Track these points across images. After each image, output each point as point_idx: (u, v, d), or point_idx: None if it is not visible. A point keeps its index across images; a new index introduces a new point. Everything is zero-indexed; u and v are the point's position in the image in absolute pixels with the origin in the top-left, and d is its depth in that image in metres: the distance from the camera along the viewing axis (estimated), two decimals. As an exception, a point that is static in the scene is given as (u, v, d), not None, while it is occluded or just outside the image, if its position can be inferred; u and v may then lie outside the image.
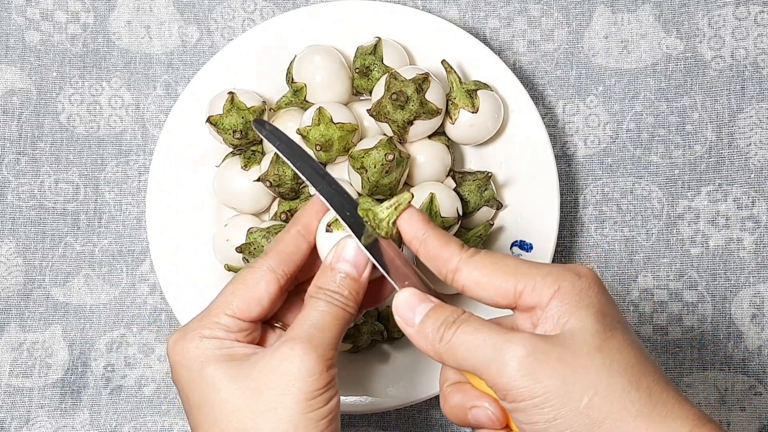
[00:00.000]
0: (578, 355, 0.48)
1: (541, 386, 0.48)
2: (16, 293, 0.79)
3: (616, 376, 0.48)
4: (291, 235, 0.57)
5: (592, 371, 0.48)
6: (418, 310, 0.52)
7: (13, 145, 0.80)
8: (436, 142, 0.74)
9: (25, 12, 0.80)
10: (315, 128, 0.71)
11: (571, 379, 0.48)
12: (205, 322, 0.55)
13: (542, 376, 0.48)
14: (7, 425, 0.78)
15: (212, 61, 0.76)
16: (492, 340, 0.49)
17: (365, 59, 0.74)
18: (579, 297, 0.50)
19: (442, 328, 0.51)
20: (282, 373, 0.52)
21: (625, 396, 0.48)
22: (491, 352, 0.49)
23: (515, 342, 0.49)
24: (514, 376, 0.48)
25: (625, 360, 0.49)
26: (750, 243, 0.79)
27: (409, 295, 0.53)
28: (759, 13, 0.80)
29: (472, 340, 0.50)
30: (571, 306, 0.50)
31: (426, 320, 0.52)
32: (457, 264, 0.52)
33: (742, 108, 0.80)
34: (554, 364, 0.48)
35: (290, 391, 0.52)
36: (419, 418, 0.79)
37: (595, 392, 0.48)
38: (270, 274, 0.56)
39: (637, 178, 0.80)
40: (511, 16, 0.80)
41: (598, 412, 0.48)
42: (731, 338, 0.79)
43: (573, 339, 0.49)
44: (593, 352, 0.48)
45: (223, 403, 0.52)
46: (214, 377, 0.53)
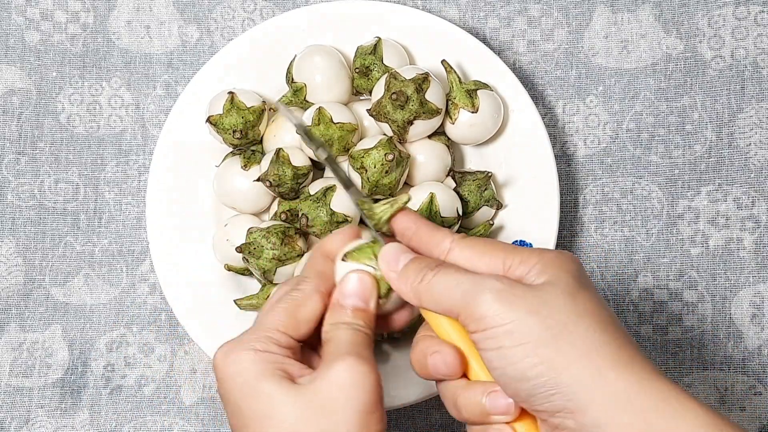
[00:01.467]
0: (552, 296, 0.51)
1: (514, 313, 0.51)
2: (16, 293, 0.79)
3: (586, 318, 0.51)
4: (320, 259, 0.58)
5: (563, 310, 0.51)
6: (402, 257, 0.55)
7: (13, 145, 0.80)
8: (436, 142, 0.74)
9: (25, 12, 0.80)
10: (315, 128, 0.71)
11: (543, 311, 0.51)
12: (258, 335, 0.55)
13: (516, 305, 0.51)
14: (7, 425, 0.78)
15: (212, 61, 0.76)
16: (471, 277, 0.53)
17: (365, 59, 0.74)
18: (559, 264, 0.53)
19: (424, 271, 0.54)
20: (341, 386, 0.52)
21: (593, 333, 0.51)
22: (468, 287, 0.52)
23: (492, 278, 0.52)
24: (489, 304, 0.51)
25: (595, 309, 0.52)
26: (750, 243, 0.79)
27: (396, 246, 0.56)
28: (759, 13, 0.80)
29: (452, 279, 0.53)
30: (550, 267, 0.53)
31: (409, 264, 0.55)
32: (450, 244, 0.55)
33: (742, 108, 0.80)
34: (528, 297, 0.51)
35: (350, 404, 0.52)
36: (419, 418, 0.79)
37: (563, 326, 0.50)
38: (317, 294, 0.57)
39: (637, 178, 0.80)
40: (511, 16, 0.80)
41: (564, 342, 0.50)
42: (731, 338, 0.79)
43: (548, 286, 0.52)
44: (566, 296, 0.51)
45: (282, 417, 0.52)
46: (271, 391, 0.52)
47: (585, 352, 0.50)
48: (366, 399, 0.52)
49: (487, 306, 0.51)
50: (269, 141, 0.74)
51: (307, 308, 0.56)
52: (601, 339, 0.51)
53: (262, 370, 0.53)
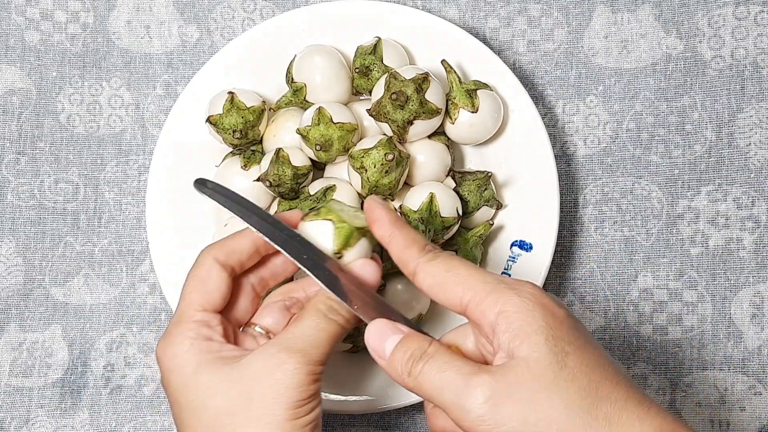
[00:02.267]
0: (536, 390, 0.49)
1: (507, 428, 0.49)
2: (16, 293, 0.79)
3: (575, 410, 0.49)
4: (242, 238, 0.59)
5: (551, 407, 0.49)
6: (388, 342, 0.54)
7: (13, 145, 0.80)
8: (436, 142, 0.74)
9: (25, 12, 0.80)
10: (315, 128, 0.71)
11: (532, 418, 0.49)
12: (184, 325, 0.57)
13: (506, 418, 0.49)
14: (7, 425, 0.78)
15: (212, 61, 0.76)
16: (454, 384, 0.51)
17: (365, 59, 0.74)
18: (525, 321, 0.51)
19: (410, 363, 0.53)
20: (274, 382, 0.54)
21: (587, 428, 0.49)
22: (454, 397, 0.50)
23: (475, 387, 0.50)
24: (478, 422, 0.50)
25: (580, 390, 0.50)
26: (750, 243, 0.79)
27: (379, 326, 0.55)
28: (759, 13, 0.80)
29: (437, 380, 0.52)
30: (520, 332, 0.51)
31: (395, 353, 0.54)
32: (414, 268, 0.54)
33: (742, 108, 0.80)
34: (514, 405, 0.49)
35: (279, 399, 0.53)
36: (419, 418, 0.79)
37: (558, 427, 0.49)
38: (215, 263, 0.58)
39: (637, 177, 0.80)
40: (511, 16, 0.80)
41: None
42: (731, 338, 0.79)
43: (528, 372, 0.50)
44: (549, 386, 0.49)
45: (215, 407, 0.54)
46: (207, 382, 0.54)
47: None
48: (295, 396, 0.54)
49: (474, 425, 0.50)
50: (269, 141, 0.74)
51: (211, 278, 0.57)
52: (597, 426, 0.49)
53: (199, 361, 0.55)
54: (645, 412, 0.50)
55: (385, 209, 0.57)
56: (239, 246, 0.59)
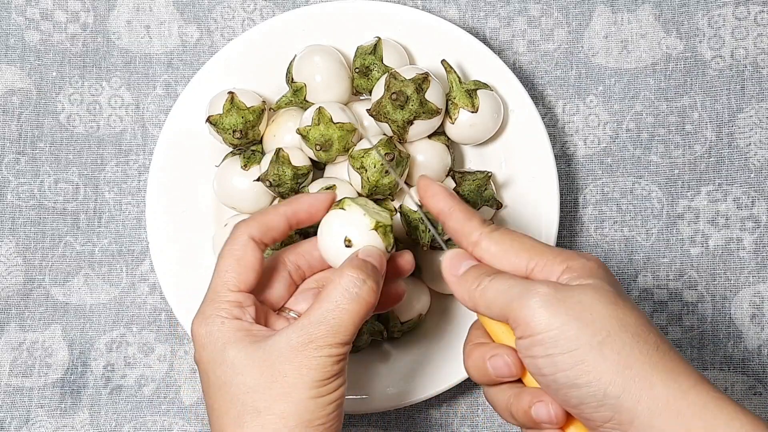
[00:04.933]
0: (596, 302, 0.52)
1: (559, 319, 0.52)
2: (16, 293, 0.79)
3: (628, 326, 0.52)
4: (276, 214, 0.61)
5: (606, 317, 0.52)
6: (464, 264, 0.57)
7: (13, 145, 0.80)
8: (436, 142, 0.74)
9: (25, 12, 0.80)
10: (315, 128, 0.71)
11: (587, 318, 0.52)
12: (217, 302, 0.58)
13: (561, 311, 0.52)
14: (7, 425, 0.78)
15: (212, 61, 0.76)
16: (521, 283, 0.54)
17: (365, 59, 0.74)
18: (589, 273, 0.54)
19: (482, 277, 0.56)
20: (297, 363, 0.56)
21: (635, 343, 0.52)
22: (518, 291, 0.54)
23: (540, 284, 0.54)
24: (535, 309, 0.52)
25: (636, 317, 0.53)
26: (750, 243, 0.79)
27: (458, 252, 0.58)
28: (759, 13, 0.80)
29: (504, 284, 0.55)
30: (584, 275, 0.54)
31: (470, 270, 0.57)
32: (477, 237, 0.57)
33: (742, 108, 0.80)
34: (573, 304, 0.52)
35: (303, 379, 0.55)
36: (419, 418, 0.79)
37: (608, 333, 0.52)
38: (252, 242, 0.59)
39: (637, 177, 0.80)
40: (511, 16, 0.80)
41: (610, 350, 0.51)
42: (731, 338, 0.79)
43: (591, 290, 0.53)
44: (608, 304, 0.53)
45: (239, 384, 0.56)
46: (235, 359, 0.56)
47: (630, 362, 0.51)
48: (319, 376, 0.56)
49: (534, 311, 0.53)
50: (269, 141, 0.74)
51: (247, 257, 0.59)
52: (644, 349, 0.52)
53: (229, 338, 0.57)
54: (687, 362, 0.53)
55: (440, 185, 0.60)
56: (273, 222, 0.61)
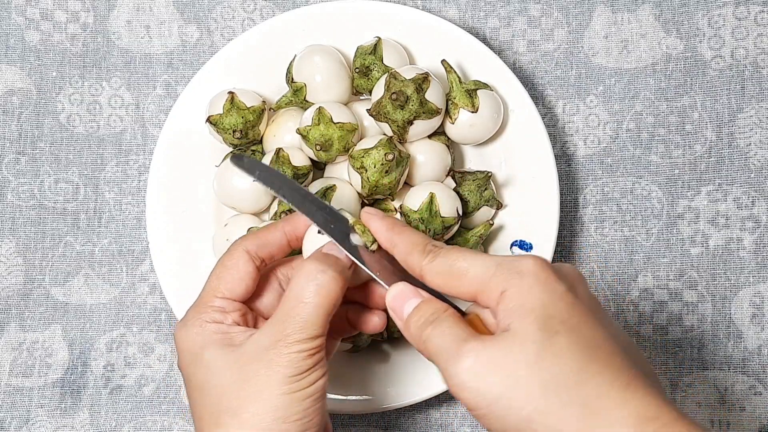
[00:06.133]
0: (519, 366, 0.50)
1: (485, 398, 0.50)
2: (16, 293, 0.79)
3: (552, 390, 0.49)
4: (275, 230, 0.62)
5: (530, 385, 0.50)
6: (407, 305, 0.56)
7: (13, 145, 0.80)
8: (436, 142, 0.74)
9: (25, 12, 0.80)
10: (315, 128, 0.71)
11: (510, 392, 0.50)
12: (201, 308, 0.60)
13: (486, 388, 0.50)
14: (7, 425, 0.78)
15: (212, 61, 0.76)
16: (449, 348, 0.52)
17: (365, 59, 0.74)
18: (522, 300, 0.51)
19: (422, 327, 0.54)
20: (269, 359, 0.56)
21: (563, 410, 0.49)
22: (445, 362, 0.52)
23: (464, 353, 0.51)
24: (462, 388, 0.51)
25: (563, 371, 0.50)
26: (750, 243, 0.79)
27: (400, 289, 0.57)
28: (759, 13, 0.80)
29: (438, 344, 0.53)
30: (514, 310, 0.51)
31: (411, 316, 0.55)
32: (420, 273, 0.56)
33: (742, 108, 0.80)
34: (496, 377, 0.50)
35: (275, 377, 0.56)
36: (419, 418, 0.79)
37: (534, 407, 0.49)
38: (246, 255, 0.60)
39: (637, 177, 0.80)
40: (511, 16, 0.80)
41: (538, 425, 0.49)
42: (731, 338, 0.79)
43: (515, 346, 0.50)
44: (532, 364, 0.50)
45: (215, 385, 0.57)
46: (210, 361, 0.57)
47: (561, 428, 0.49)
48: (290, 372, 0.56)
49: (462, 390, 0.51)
50: (269, 141, 0.74)
51: (238, 268, 0.60)
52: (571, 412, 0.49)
53: (205, 341, 0.58)
54: (630, 396, 0.49)
55: (380, 219, 0.59)
56: (271, 238, 0.61)
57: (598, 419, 0.49)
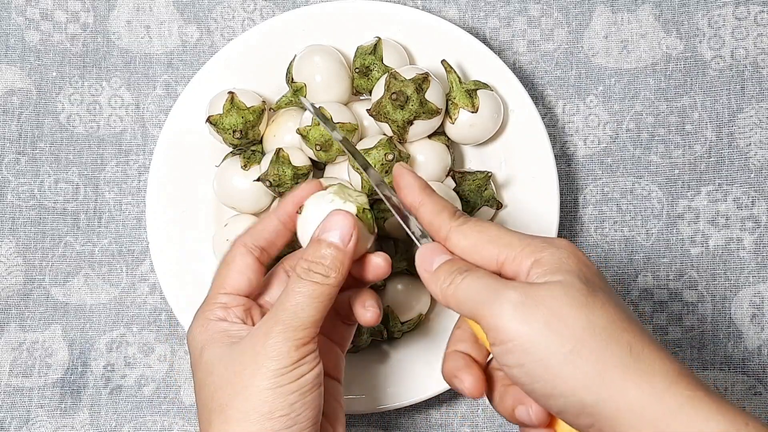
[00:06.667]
0: (565, 306, 0.51)
1: (529, 328, 0.51)
2: (16, 293, 0.79)
3: (598, 330, 0.51)
4: (268, 218, 0.62)
5: (576, 323, 0.51)
6: (437, 259, 0.56)
7: (13, 145, 0.80)
8: (435, 142, 0.74)
9: (25, 12, 0.80)
10: (315, 128, 0.71)
11: (557, 326, 0.51)
12: (205, 307, 0.60)
13: (531, 319, 0.51)
14: (7, 425, 0.78)
15: (212, 61, 0.76)
16: (492, 285, 0.53)
17: (365, 59, 0.74)
18: (559, 265, 0.53)
19: (454, 274, 0.55)
20: (255, 353, 0.56)
21: (607, 348, 0.50)
22: (489, 295, 0.52)
23: (511, 287, 0.52)
24: (506, 317, 0.51)
25: (608, 317, 0.51)
26: (750, 243, 0.79)
27: (432, 246, 0.57)
28: (759, 13, 0.80)
29: (476, 285, 0.53)
30: (553, 270, 0.53)
31: (442, 266, 0.55)
32: (447, 233, 0.56)
33: (742, 108, 0.80)
34: (543, 310, 0.51)
35: (260, 370, 0.55)
36: (419, 418, 0.79)
37: (578, 341, 0.50)
38: (243, 248, 0.61)
39: (637, 178, 0.80)
40: (511, 16, 0.80)
41: (581, 359, 0.50)
42: (731, 338, 0.79)
43: (561, 291, 0.51)
44: (578, 306, 0.51)
45: (211, 383, 0.57)
46: (208, 359, 0.57)
47: (602, 370, 0.50)
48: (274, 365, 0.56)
49: (503, 320, 0.51)
50: (269, 141, 0.74)
51: (237, 263, 0.60)
52: (616, 352, 0.50)
53: (206, 339, 0.58)
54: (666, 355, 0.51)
55: (413, 176, 0.59)
56: (265, 227, 0.61)
57: (642, 364, 0.50)
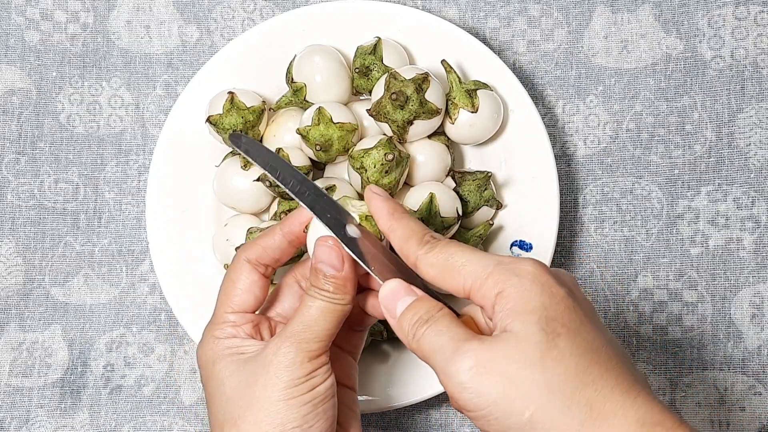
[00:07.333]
0: (521, 367, 0.49)
1: (485, 399, 0.49)
2: (16, 293, 0.79)
3: (555, 392, 0.49)
4: (273, 232, 0.61)
5: (533, 386, 0.49)
6: (400, 303, 0.55)
7: (13, 145, 0.80)
8: (435, 142, 0.74)
9: (25, 12, 0.80)
10: (315, 128, 0.71)
11: (512, 393, 0.49)
12: (214, 325, 0.60)
13: (486, 389, 0.49)
14: (7, 425, 0.78)
15: (212, 61, 0.76)
16: (447, 348, 0.51)
17: (365, 59, 0.74)
18: (522, 301, 0.51)
19: (416, 326, 0.53)
20: (267, 364, 0.56)
21: (566, 411, 0.49)
22: (444, 362, 0.51)
23: (463, 353, 0.50)
24: (460, 389, 0.50)
25: (566, 372, 0.49)
26: (750, 243, 0.79)
27: (393, 287, 0.55)
28: (759, 13, 0.80)
29: (434, 343, 0.52)
30: (514, 310, 0.51)
31: (405, 314, 0.54)
32: (414, 261, 0.55)
33: (742, 108, 0.80)
34: (498, 378, 0.49)
35: (273, 381, 0.56)
36: (419, 418, 0.79)
37: (537, 407, 0.49)
38: (247, 264, 0.60)
39: (637, 178, 0.80)
40: (511, 16, 0.80)
41: (541, 427, 0.49)
42: (731, 338, 0.79)
43: (516, 350, 0.50)
44: (534, 365, 0.49)
45: (222, 395, 0.57)
46: (219, 372, 0.58)
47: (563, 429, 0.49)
48: (286, 377, 0.56)
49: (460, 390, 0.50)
50: (269, 141, 0.74)
51: (242, 280, 0.60)
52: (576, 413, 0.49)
53: (218, 355, 0.58)
54: (631, 402, 0.49)
55: (383, 200, 0.57)
56: (269, 242, 0.61)
57: (602, 422, 0.48)
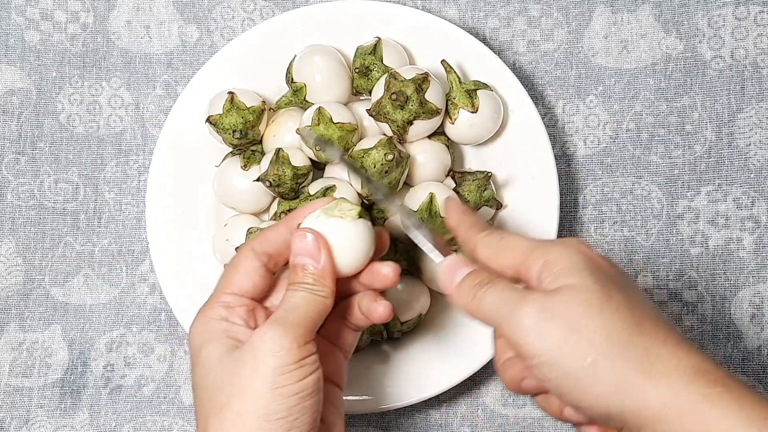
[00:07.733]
0: (582, 315, 0.52)
1: (547, 344, 0.52)
2: (16, 293, 0.79)
3: (614, 338, 0.52)
4: (279, 227, 0.62)
5: (593, 333, 0.52)
6: (459, 272, 0.58)
7: (13, 145, 0.80)
8: (435, 142, 0.74)
9: (25, 12, 0.80)
10: (315, 128, 0.71)
11: (574, 339, 0.52)
12: (208, 305, 0.60)
13: (550, 334, 0.52)
14: (7, 425, 0.78)
15: (212, 61, 0.76)
16: (511, 299, 0.54)
17: (365, 59, 0.74)
18: (569, 263, 0.54)
19: (475, 288, 0.56)
20: (254, 352, 0.56)
21: (625, 356, 0.52)
22: (508, 310, 0.54)
23: (528, 302, 0.53)
24: (525, 334, 0.53)
25: (622, 321, 0.53)
26: (750, 243, 0.79)
27: (454, 260, 0.59)
28: (759, 13, 0.80)
29: (496, 299, 0.55)
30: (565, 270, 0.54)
31: (464, 280, 0.57)
32: (474, 245, 0.59)
33: (742, 108, 0.80)
34: (560, 323, 0.52)
35: (260, 368, 0.55)
36: (419, 418, 0.79)
37: (597, 352, 0.52)
38: (251, 252, 0.61)
39: (637, 178, 0.80)
40: (511, 16, 0.80)
41: (602, 371, 0.51)
42: (731, 338, 0.79)
43: (576, 299, 0.53)
44: (594, 314, 0.52)
45: (208, 384, 0.57)
46: (206, 358, 0.57)
47: (623, 377, 0.51)
48: (274, 363, 0.55)
49: (522, 337, 0.53)
50: (269, 141, 0.74)
51: (244, 265, 0.60)
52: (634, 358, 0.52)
53: (205, 338, 0.58)
54: (684, 352, 0.52)
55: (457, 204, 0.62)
56: (275, 235, 0.61)
57: (659, 365, 0.51)
